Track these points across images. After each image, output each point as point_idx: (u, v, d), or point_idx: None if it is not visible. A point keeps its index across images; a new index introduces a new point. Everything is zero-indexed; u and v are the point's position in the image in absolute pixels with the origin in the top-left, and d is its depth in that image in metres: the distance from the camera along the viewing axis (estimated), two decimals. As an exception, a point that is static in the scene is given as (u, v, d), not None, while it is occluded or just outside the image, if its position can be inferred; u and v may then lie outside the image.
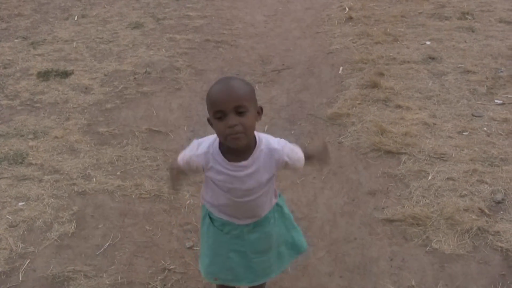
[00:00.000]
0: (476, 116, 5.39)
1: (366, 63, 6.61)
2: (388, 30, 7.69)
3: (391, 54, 6.87)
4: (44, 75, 6.57)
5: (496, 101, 5.68)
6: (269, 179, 2.67)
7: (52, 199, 4.37)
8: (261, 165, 2.59)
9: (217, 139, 2.59)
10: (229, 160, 2.57)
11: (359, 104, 5.66)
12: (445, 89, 5.92)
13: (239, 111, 2.41)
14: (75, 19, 8.65)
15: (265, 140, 2.62)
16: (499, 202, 4.17)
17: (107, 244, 3.91)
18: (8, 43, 7.72)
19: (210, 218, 2.83)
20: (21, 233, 4.02)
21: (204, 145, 2.63)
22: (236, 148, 2.50)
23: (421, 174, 4.54)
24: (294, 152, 2.70)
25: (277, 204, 2.86)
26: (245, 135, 2.45)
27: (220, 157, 2.58)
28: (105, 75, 6.57)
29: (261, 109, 2.57)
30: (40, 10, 9.15)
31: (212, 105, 2.45)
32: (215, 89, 2.48)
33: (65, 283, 3.60)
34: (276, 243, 2.88)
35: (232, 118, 2.40)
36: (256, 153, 2.57)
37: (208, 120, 2.55)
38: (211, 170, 2.62)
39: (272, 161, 2.62)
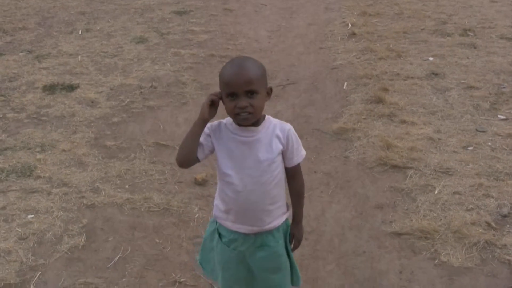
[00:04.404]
0: (480, 131, 5.44)
1: (370, 79, 6.67)
2: (391, 46, 7.76)
3: (394, 70, 6.93)
4: (50, 89, 6.61)
5: (499, 116, 5.73)
6: (276, 158, 2.72)
7: (61, 212, 4.39)
8: (269, 133, 2.70)
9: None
10: (240, 125, 2.68)
11: (364, 119, 5.71)
12: (449, 105, 5.97)
13: (249, 94, 2.57)
14: (80, 33, 8.70)
15: (273, 118, 2.76)
16: (505, 216, 4.21)
17: (118, 256, 3.94)
18: (13, 56, 7.76)
19: (219, 234, 2.88)
20: (31, 245, 4.04)
21: (216, 121, 2.77)
22: (245, 125, 2.66)
23: (428, 188, 4.58)
24: (297, 140, 2.77)
25: (288, 229, 2.93)
26: (253, 115, 2.60)
27: (232, 125, 2.70)
28: (111, 89, 6.61)
29: (271, 89, 2.72)
30: (44, 24, 9.20)
31: (224, 86, 2.60)
32: (228, 70, 2.62)
33: (77, 295, 3.63)
34: (285, 263, 2.91)
35: (243, 100, 2.56)
36: (265, 123, 2.70)
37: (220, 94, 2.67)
38: (222, 139, 2.72)
39: (278, 131, 2.71)
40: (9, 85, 6.78)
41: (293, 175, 2.86)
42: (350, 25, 8.75)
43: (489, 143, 5.24)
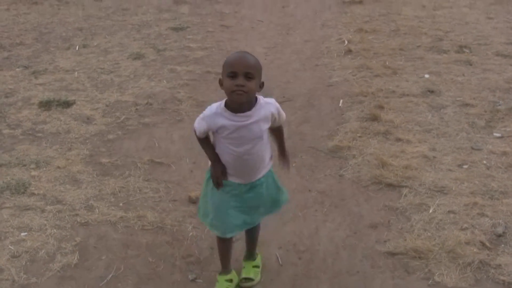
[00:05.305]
0: (475, 149, 5.43)
1: (366, 96, 6.68)
2: (387, 63, 7.77)
3: (390, 87, 6.94)
4: (46, 105, 6.60)
5: (495, 134, 5.73)
6: (267, 129, 3.37)
7: (54, 230, 4.37)
8: (261, 115, 3.29)
9: (222, 102, 3.29)
10: (235, 112, 3.24)
11: (359, 137, 5.71)
12: (444, 122, 5.98)
13: (248, 76, 3.12)
14: (76, 49, 8.72)
15: (262, 98, 3.33)
16: (500, 235, 4.20)
17: (110, 275, 3.91)
18: (10, 72, 7.78)
19: None
20: (24, 263, 4.01)
21: (212, 108, 3.33)
22: (238, 102, 3.19)
23: (422, 207, 4.57)
24: (280, 110, 3.42)
25: (271, 171, 3.59)
26: (247, 94, 3.15)
27: (227, 112, 3.25)
28: (107, 105, 6.62)
29: (263, 84, 3.28)
30: (41, 40, 9.22)
31: (228, 66, 3.16)
32: (233, 55, 3.24)
33: (69, 314, 3.61)
34: (265, 201, 3.58)
35: (241, 79, 3.12)
36: (257, 106, 3.27)
37: (220, 81, 3.25)
38: (221, 128, 3.29)
39: (268, 112, 3.32)
40: (5, 101, 6.78)
41: (277, 128, 3.54)
42: (346, 42, 8.78)
43: (484, 161, 5.23)
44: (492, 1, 11.38)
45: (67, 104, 6.63)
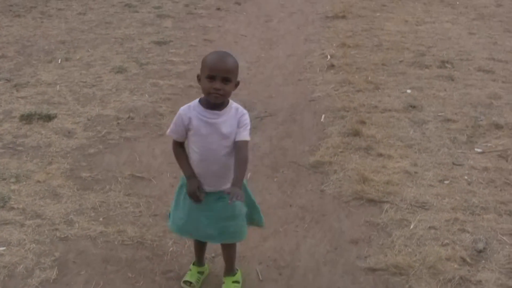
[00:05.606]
0: (456, 165, 5.46)
1: (348, 111, 6.69)
2: (369, 78, 7.80)
3: (372, 102, 6.96)
4: (27, 118, 6.55)
5: (476, 149, 5.76)
6: (232, 135, 3.39)
7: (34, 245, 4.33)
8: (229, 116, 3.39)
9: (197, 100, 3.43)
10: (206, 108, 3.37)
11: (341, 152, 5.71)
12: (426, 138, 6.00)
13: (226, 80, 3.25)
14: (59, 62, 8.67)
15: (234, 103, 3.46)
16: (480, 251, 4.21)
17: (89, 291, 3.89)
18: (-9, 85, 7.72)
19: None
20: (2, 279, 3.96)
21: (185, 105, 3.46)
22: (213, 102, 3.33)
23: (403, 223, 4.57)
24: (247, 123, 3.43)
25: (244, 184, 3.51)
26: (223, 96, 3.31)
27: (199, 107, 3.39)
28: (88, 119, 6.57)
29: (239, 82, 3.42)
30: (23, 53, 9.16)
31: (206, 68, 3.25)
32: (212, 57, 3.31)
33: (46, 331, 3.57)
34: (239, 212, 3.57)
35: (219, 83, 3.24)
36: (227, 107, 3.40)
37: (198, 77, 3.36)
38: (191, 123, 3.38)
39: (236, 116, 3.40)
40: (-15, 114, 6.73)
41: (240, 147, 3.40)
42: (329, 57, 8.80)
43: (466, 177, 5.25)
44: (474, 16, 11.50)
45: (48, 118, 6.58)
